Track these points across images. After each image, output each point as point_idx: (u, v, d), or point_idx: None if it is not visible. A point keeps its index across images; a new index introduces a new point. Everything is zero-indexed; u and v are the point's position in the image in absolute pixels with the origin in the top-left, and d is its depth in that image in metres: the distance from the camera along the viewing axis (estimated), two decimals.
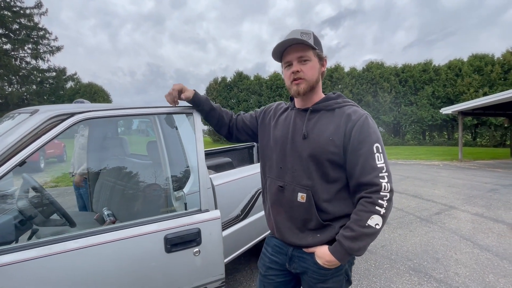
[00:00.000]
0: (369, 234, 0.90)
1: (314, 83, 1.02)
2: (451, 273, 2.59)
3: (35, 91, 23.15)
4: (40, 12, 22.18)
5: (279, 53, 1.04)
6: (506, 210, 4.50)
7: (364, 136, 0.94)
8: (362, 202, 0.92)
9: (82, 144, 2.79)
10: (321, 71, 1.06)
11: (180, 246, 1.19)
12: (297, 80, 1.01)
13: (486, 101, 10.24)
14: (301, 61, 1.00)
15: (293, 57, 1.01)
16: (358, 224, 0.91)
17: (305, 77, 1.00)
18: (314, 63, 1.01)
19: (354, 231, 0.91)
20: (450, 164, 10.62)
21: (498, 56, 23.13)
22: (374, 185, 0.91)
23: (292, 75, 1.01)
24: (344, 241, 0.92)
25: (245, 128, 1.30)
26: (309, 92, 1.04)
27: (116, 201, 2.05)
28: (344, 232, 0.93)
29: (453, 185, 6.51)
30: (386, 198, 0.90)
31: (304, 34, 0.99)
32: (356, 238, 0.90)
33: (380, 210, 0.89)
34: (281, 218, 1.08)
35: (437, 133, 25.78)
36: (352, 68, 26.61)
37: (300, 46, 0.99)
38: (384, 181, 0.91)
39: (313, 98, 1.07)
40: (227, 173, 2.06)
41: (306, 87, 1.01)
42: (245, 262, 2.84)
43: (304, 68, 1.00)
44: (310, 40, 0.99)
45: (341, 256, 0.93)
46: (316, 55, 1.02)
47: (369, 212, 0.90)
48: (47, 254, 0.99)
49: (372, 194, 0.91)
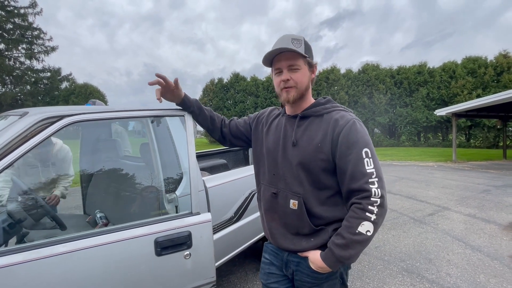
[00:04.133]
0: (360, 241, 0.88)
1: (304, 90, 1.02)
2: (443, 274, 2.62)
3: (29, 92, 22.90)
4: (35, 11, 21.99)
5: (270, 59, 1.03)
6: (497, 211, 4.56)
7: (352, 142, 0.92)
8: (353, 209, 0.91)
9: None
10: (311, 78, 1.05)
11: (171, 249, 1.19)
12: (287, 88, 1.01)
13: (479, 103, 10.39)
14: (291, 69, 1.00)
15: (283, 65, 1.00)
16: (348, 231, 0.89)
17: (295, 85, 1.00)
18: (304, 71, 1.01)
19: (344, 239, 0.89)
20: (444, 165, 10.74)
21: (491, 59, 23.50)
22: (364, 191, 0.89)
23: (282, 82, 1.01)
24: (335, 249, 0.91)
25: (239, 134, 1.30)
26: (299, 99, 1.03)
27: (108, 204, 2.03)
28: (335, 240, 0.92)
29: (447, 186, 6.59)
30: (377, 204, 0.88)
31: (295, 41, 0.98)
32: (347, 246, 0.89)
33: (370, 216, 0.88)
34: (275, 225, 1.08)
35: (431, 134, 26.06)
36: (348, 70, 26.82)
37: (291, 54, 0.98)
38: (374, 186, 0.89)
39: (302, 105, 1.06)
40: (221, 175, 2.07)
41: (296, 95, 1.01)
42: (240, 264, 2.83)
43: (294, 76, 1.00)
44: (301, 47, 0.98)
45: (332, 264, 0.92)
46: (306, 63, 1.01)
47: (360, 218, 0.88)
48: (35, 258, 0.98)
49: (362, 200, 0.89)
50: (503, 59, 22.59)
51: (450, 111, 12.03)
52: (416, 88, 24.88)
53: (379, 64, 26.45)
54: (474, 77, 23.02)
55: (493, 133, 22.06)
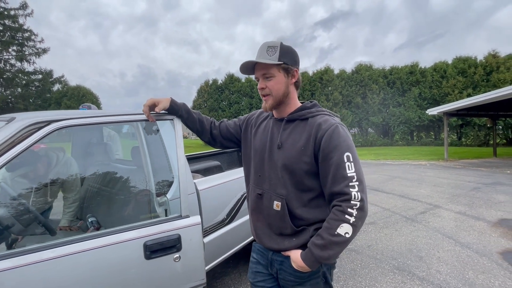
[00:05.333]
0: (338, 243, 0.91)
1: (280, 97, 1.05)
2: (433, 271, 2.67)
3: (20, 94, 22.52)
4: (26, 13, 21.66)
5: (248, 69, 1.08)
6: (487, 208, 4.66)
7: (334, 146, 0.94)
8: (333, 211, 0.94)
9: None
10: (291, 83, 1.06)
11: (160, 252, 1.20)
12: (264, 96, 1.06)
13: (470, 102, 10.60)
14: (265, 78, 1.04)
15: (258, 74, 1.05)
16: (328, 232, 0.92)
17: (270, 93, 1.04)
18: (279, 78, 1.03)
19: (323, 239, 0.92)
20: (436, 164, 10.91)
21: (480, 59, 23.99)
22: (344, 194, 0.92)
23: (260, 90, 1.06)
24: (314, 249, 0.94)
25: (229, 136, 1.32)
26: (279, 105, 1.07)
27: (100, 208, 2.02)
28: (314, 240, 0.95)
29: (438, 185, 6.70)
30: (356, 207, 0.91)
31: (270, 48, 1.00)
32: (326, 247, 0.92)
33: (349, 218, 0.90)
34: (260, 225, 1.11)
35: (424, 133, 26.46)
36: (342, 70, 27.07)
37: (263, 64, 1.01)
38: (354, 190, 0.91)
39: (287, 109, 1.09)
40: (213, 178, 2.07)
41: (272, 102, 1.05)
42: (234, 266, 2.84)
43: (268, 85, 1.03)
44: (275, 54, 0.99)
45: (311, 264, 0.95)
46: (281, 69, 1.02)
47: (339, 220, 0.91)
48: (22, 265, 0.98)
49: (342, 203, 0.92)
50: (492, 59, 23.10)
51: (441, 110, 12.24)
52: (408, 88, 25.25)
53: (372, 64, 26.81)
54: (465, 76, 23.48)
55: (483, 132, 22.52)
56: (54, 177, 1.99)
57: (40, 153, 1.90)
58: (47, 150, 1.98)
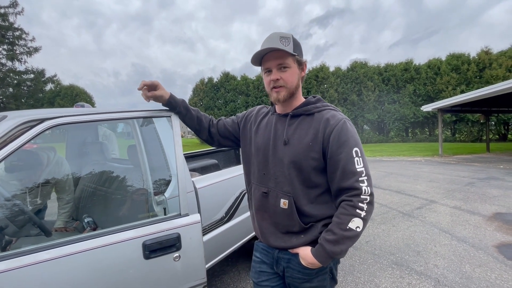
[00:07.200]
0: (350, 237, 0.91)
1: (294, 89, 1.02)
2: (430, 265, 2.70)
3: (12, 94, 22.11)
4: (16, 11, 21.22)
5: (259, 58, 1.02)
6: (481, 203, 4.73)
7: (343, 141, 0.94)
8: (344, 205, 0.93)
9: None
10: (301, 76, 1.05)
11: (159, 252, 1.17)
12: (277, 88, 1.00)
13: (463, 99, 10.72)
14: (281, 68, 0.99)
15: (273, 64, 0.99)
16: (339, 227, 0.91)
17: (285, 84, 1.00)
18: (294, 70, 1.00)
19: (335, 234, 0.91)
20: (432, 160, 11.03)
21: (473, 55, 24.25)
22: (354, 189, 0.92)
23: (272, 82, 1.00)
24: (326, 244, 0.92)
25: (227, 134, 1.29)
26: (289, 98, 1.03)
27: (96, 208, 1.99)
28: (326, 236, 0.94)
29: (434, 180, 6.77)
30: (367, 201, 0.91)
31: (284, 39, 0.96)
32: (338, 241, 0.91)
33: (361, 213, 0.91)
34: (266, 224, 1.08)
35: (419, 130, 26.70)
36: (337, 68, 27.14)
37: (279, 53, 0.97)
38: (364, 185, 0.92)
39: (293, 103, 1.06)
40: (211, 176, 2.05)
41: (286, 94, 1.01)
42: (233, 264, 2.83)
43: (283, 76, 0.99)
44: (290, 45, 0.97)
45: (323, 259, 0.94)
46: (295, 61, 1.00)
47: (350, 215, 0.91)
48: (17, 267, 0.95)
49: (353, 198, 0.92)
50: (485, 55, 23.36)
51: (435, 106, 12.35)
52: (403, 85, 25.43)
53: (367, 61, 26.93)
54: (458, 73, 23.72)
55: (476, 127, 22.82)
56: (46, 177, 1.96)
57: (31, 153, 1.87)
58: (37, 150, 1.95)
